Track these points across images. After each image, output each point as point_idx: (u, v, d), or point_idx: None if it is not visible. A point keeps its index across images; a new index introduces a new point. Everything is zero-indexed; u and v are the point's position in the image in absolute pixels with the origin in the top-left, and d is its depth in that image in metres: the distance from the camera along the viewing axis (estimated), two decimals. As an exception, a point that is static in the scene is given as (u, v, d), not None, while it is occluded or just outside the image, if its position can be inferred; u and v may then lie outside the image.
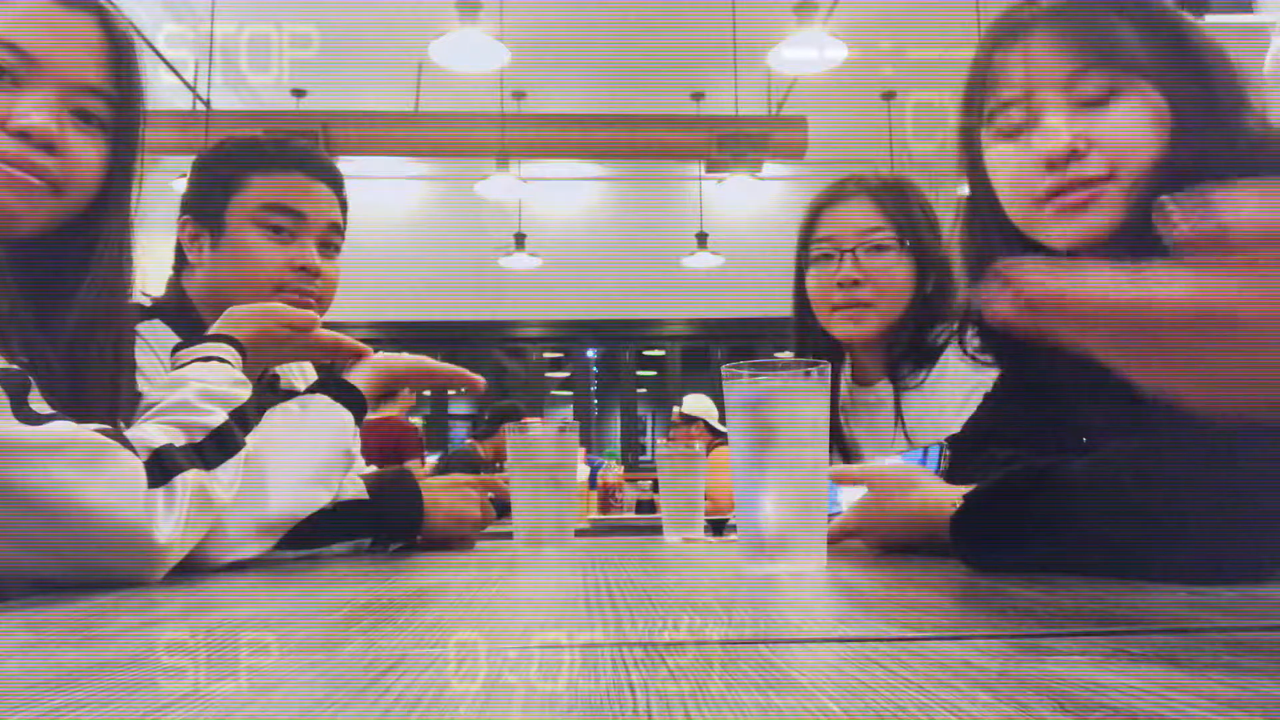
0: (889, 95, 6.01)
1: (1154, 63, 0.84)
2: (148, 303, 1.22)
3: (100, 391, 0.86)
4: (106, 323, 0.89)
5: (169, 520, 0.75)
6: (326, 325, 1.11)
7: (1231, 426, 0.48)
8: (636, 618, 0.49)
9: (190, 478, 0.79)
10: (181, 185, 1.35)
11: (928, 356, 1.43)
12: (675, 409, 5.35)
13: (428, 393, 7.86)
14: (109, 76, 0.87)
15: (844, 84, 5.13)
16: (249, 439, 0.93)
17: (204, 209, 1.28)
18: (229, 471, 0.86)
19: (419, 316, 7.21)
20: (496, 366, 7.71)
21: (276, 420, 1.03)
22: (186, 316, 1.21)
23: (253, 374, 1.03)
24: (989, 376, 1.10)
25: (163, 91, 5.90)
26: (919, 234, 1.44)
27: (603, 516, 3.76)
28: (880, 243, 1.43)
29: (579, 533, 1.37)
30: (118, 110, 0.89)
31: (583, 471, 4.15)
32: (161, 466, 0.77)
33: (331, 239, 1.30)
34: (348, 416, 1.08)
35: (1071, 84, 0.84)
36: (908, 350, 1.44)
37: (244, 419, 0.91)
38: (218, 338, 0.99)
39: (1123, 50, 0.84)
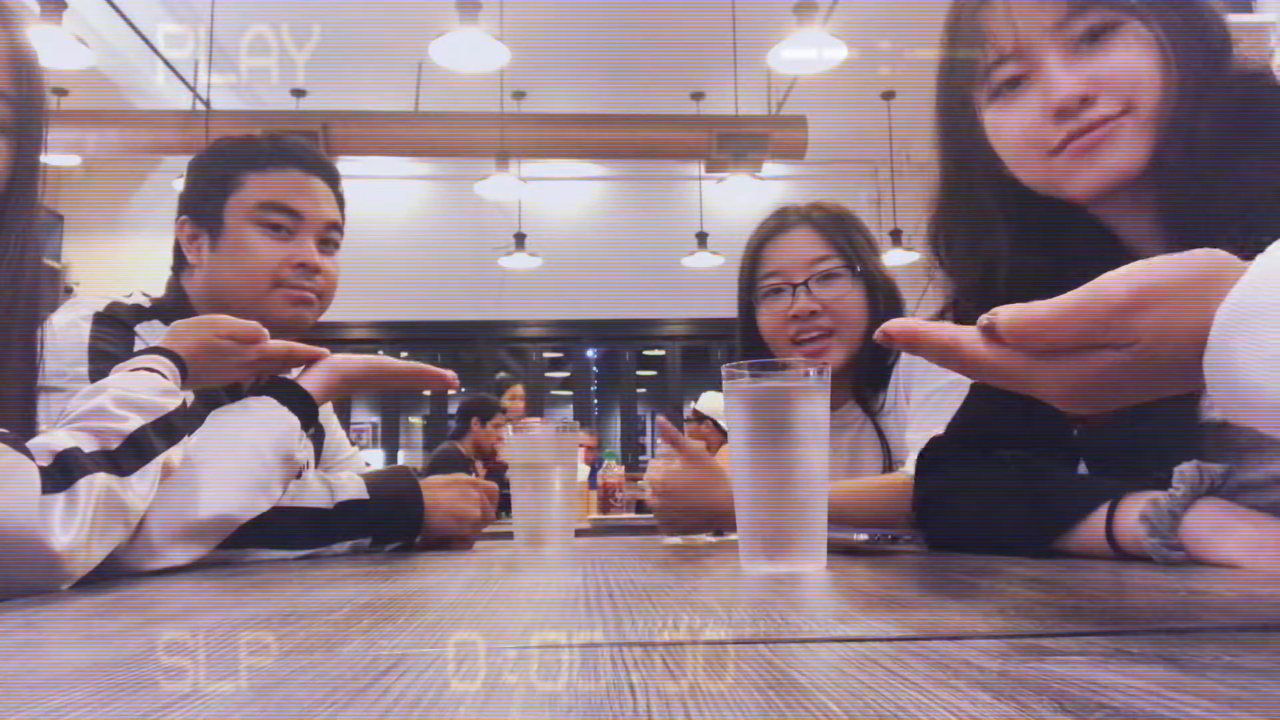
0: (889, 95, 6.01)
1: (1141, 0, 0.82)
2: (147, 303, 1.22)
3: (11, 397, 0.84)
4: (11, 327, 0.86)
5: (69, 526, 0.71)
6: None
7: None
8: (636, 617, 0.49)
9: (97, 481, 0.75)
10: (181, 185, 1.35)
11: (882, 377, 1.44)
12: (691, 405, 5.34)
13: (427, 392, 7.85)
14: (10, 78, 0.85)
15: (844, 84, 5.13)
16: (193, 439, 0.91)
17: (202, 209, 1.28)
18: (146, 479, 0.83)
19: (419, 316, 7.21)
20: (497, 366, 7.70)
21: (216, 421, 1.01)
22: (186, 317, 1.21)
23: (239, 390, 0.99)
24: (948, 380, 1.11)
25: (163, 91, 5.91)
26: (863, 258, 1.46)
27: (603, 516, 3.76)
28: (830, 271, 1.43)
29: (579, 533, 1.37)
30: (19, 112, 0.86)
31: (583, 471, 4.14)
32: (64, 470, 0.74)
33: (330, 236, 1.30)
34: (292, 420, 1.05)
35: (1063, 27, 0.82)
36: (870, 373, 1.44)
37: (170, 428, 0.88)
38: (156, 350, 0.96)
39: None
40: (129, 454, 0.81)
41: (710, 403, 5.02)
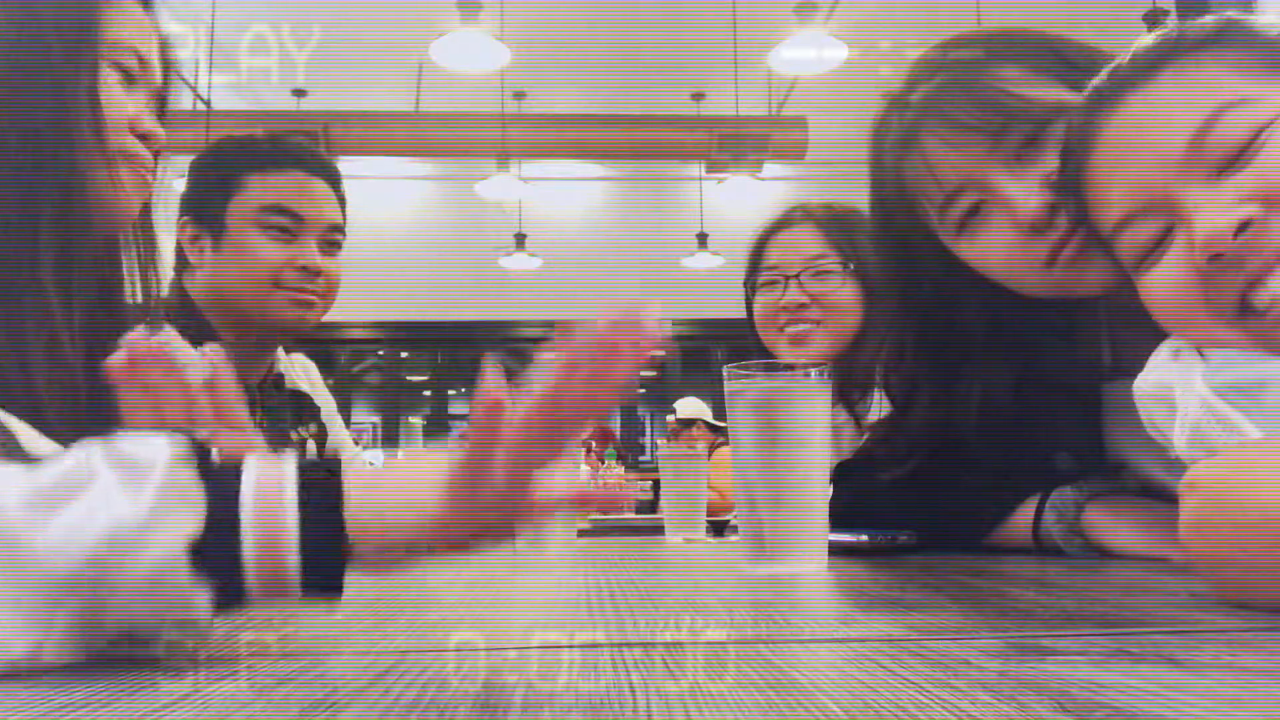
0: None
1: (1060, 74, 0.82)
2: (148, 303, 1.22)
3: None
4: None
5: None
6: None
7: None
8: (637, 618, 0.49)
9: None
10: (182, 185, 1.35)
11: (868, 380, 1.43)
12: (670, 418, 5.31)
13: (426, 392, 7.86)
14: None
15: (844, 84, 5.11)
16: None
17: (204, 210, 1.28)
18: None
19: (419, 316, 7.21)
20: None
21: None
22: (188, 318, 1.21)
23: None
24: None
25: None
26: (863, 259, 1.45)
27: (603, 517, 3.75)
28: (825, 268, 1.46)
29: (580, 533, 1.37)
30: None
31: (583, 472, 4.13)
32: None
33: (332, 238, 1.30)
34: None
35: (996, 149, 0.81)
36: (854, 374, 1.44)
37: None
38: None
39: (1023, 93, 0.81)
40: None
41: (690, 407, 5.01)
